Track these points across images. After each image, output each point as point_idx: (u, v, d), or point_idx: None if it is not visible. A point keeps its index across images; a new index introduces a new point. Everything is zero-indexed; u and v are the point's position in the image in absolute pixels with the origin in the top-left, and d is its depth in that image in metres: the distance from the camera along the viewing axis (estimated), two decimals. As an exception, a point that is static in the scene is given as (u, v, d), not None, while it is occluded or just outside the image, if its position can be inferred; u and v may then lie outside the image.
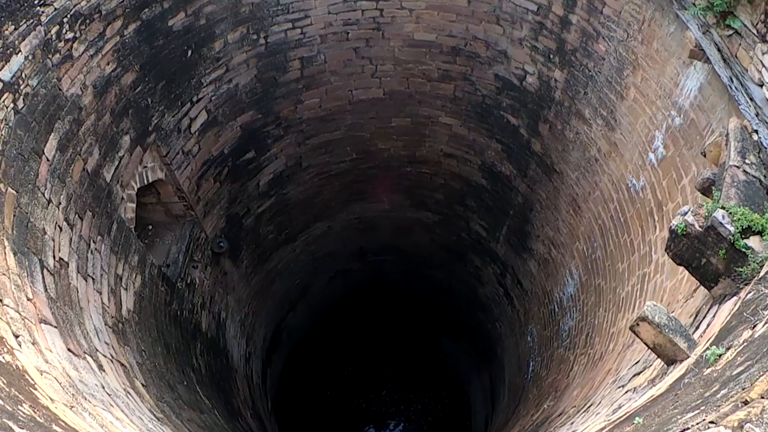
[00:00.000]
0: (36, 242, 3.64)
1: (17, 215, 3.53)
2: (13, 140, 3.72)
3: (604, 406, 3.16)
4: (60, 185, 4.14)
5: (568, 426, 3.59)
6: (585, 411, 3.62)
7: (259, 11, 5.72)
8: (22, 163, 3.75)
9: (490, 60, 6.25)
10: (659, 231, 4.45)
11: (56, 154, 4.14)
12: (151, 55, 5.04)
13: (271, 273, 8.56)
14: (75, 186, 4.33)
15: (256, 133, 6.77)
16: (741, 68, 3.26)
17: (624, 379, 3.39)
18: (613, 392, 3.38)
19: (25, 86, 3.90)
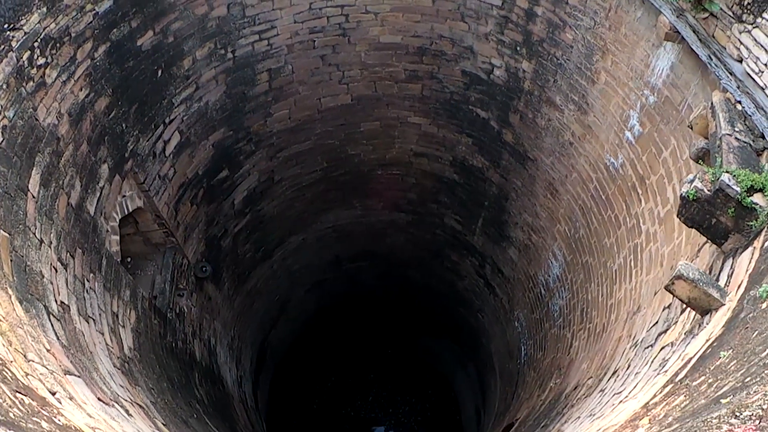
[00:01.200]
0: (37, 287, 3.39)
1: (14, 260, 3.28)
2: (1, 173, 3.44)
3: (640, 366, 3.33)
4: (48, 223, 3.87)
5: (600, 394, 3.74)
6: (612, 378, 3.78)
7: (226, 25, 5.59)
8: (9, 202, 3.49)
9: (456, 57, 6.41)
10: (645, 203, 4.73)
11: (40, 189, 3.88)
12: (122, 77, 4.81)
13: (251, 292, 8.33)
14: (62, 223, 4.06)
15: (228, 150, 6.59)
16: (719, 47, 3.54)
17: (648, 341, 3.58)
18: (639, 354, 3.56)
19: (2, 118, 3.63)
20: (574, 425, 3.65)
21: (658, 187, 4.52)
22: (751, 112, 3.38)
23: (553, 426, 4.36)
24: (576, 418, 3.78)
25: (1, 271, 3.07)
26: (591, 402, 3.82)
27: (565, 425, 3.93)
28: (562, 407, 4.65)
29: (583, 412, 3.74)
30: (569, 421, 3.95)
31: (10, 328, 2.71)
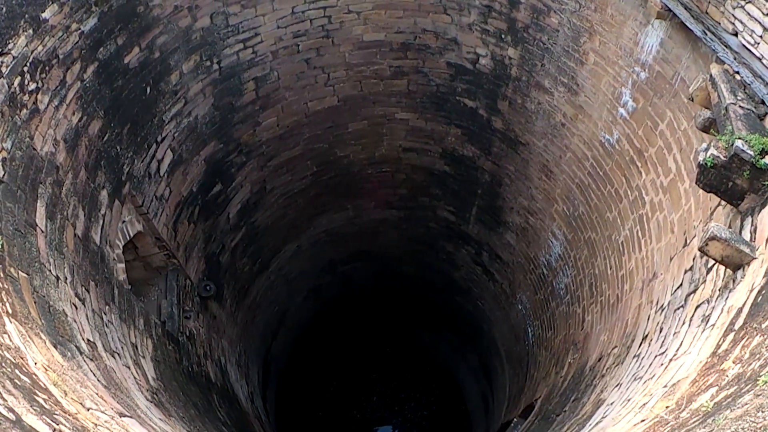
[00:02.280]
0: (64, 328, 3.26)
1: (37, 301, 3.15)
2: (6, 215, 3.30)
3: (677, 327, 3.45)
4: (60, 258, 3.73)
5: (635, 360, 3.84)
6: (644, 343, 3.90)
7: (210, 36, 5.47)
8: (21, 239, 3.34)
9: (440, 49, 6.46)
10: (646, 175, 4.89)
11: (47, 223, 3.73)
12: (113, 97, 4.67)
13: (252, 306, 8.20)
14: (72, 256, 3.92)
15: (219, 164, 6.46)
16: (713, 22, 3.70)
17: (676, 303, 3.71)
18: (670, 316, 3.69)
19: (1, 150, 3.46)
20: (616, 392, 3.76)
21: (658, 159, 4.68)
22: (749, 81, 3.54)
23: (586, 398, 4.47)
24: (615, 385, 3.89)
25: (29, 315, 2.94)
26: (627, 368, 3.93)
27: (603, 394, 4.04)
28: (590, 379, 4.77)
29: (622, 379, 3.85)
30: (607, 389, 4.05)
31: (59, 377, 2.61)
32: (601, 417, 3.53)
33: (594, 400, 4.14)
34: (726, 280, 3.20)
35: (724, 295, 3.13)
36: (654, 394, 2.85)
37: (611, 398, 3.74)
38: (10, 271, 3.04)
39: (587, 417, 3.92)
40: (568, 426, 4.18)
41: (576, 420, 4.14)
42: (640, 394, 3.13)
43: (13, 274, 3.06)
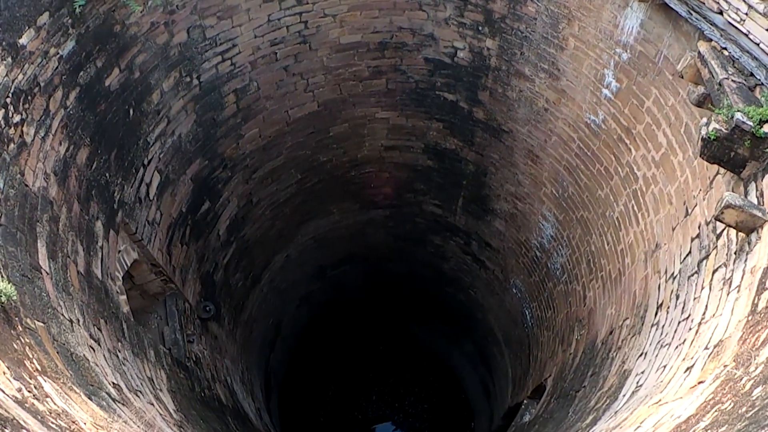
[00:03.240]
0: (91, 375, 3.13)
1: (59, 351, 3.01)
2: (11, 261, 3.14)
3: (695, 292, 3.60)
4: (69, 299, 3.57)
5: (655, 328, 3.99)
6: (661, 311, 4.05)
7: (188, 50, 5.31)
8: (30, 286, 3.19)
9: (417, 46, 6.48)
10: (636, 151, 5.07)
11: (50, 264, 3.57)
12: (97, 123, 4.48)
13: (249, 322, 8.06)
14: (79, 295, 3.76)
15: (206, 181, 6.30)
16: (697, 2, 3.86)
17: (688, 270, 3.87)
18: (684, 283, 3.86)
19: None
20: (642, 361, 3.89)
21: (647, 135, 4.86)
22: (738, 56, 3.72)
23: (606, 371, 4.61)
24: (639, 355, 4.03)
25: (57, 368, 2.80)
26: (648, 338, 4.08)
27: (627, 364, 4.17)
28: (605, 352, 4.92)
29: (645, 348, 3.99)
30: (629, 360, 4.19)
31: None
32: (636, 386, 3.66)
33: (618, 372, 4.28)
34: (740, 243, 3.38)
35: (741, 258, 3.30)
36: (696, 357, 2.98)
37: (639, 368, 3.87)
38: (27, 322, 2.89)
39: (616, 388, 4.05)
40: (596, 399, 4.31)
41: (603, 393, 4.27)
42: (676, 360, 3.26)
43: (31, 325, 2.90)
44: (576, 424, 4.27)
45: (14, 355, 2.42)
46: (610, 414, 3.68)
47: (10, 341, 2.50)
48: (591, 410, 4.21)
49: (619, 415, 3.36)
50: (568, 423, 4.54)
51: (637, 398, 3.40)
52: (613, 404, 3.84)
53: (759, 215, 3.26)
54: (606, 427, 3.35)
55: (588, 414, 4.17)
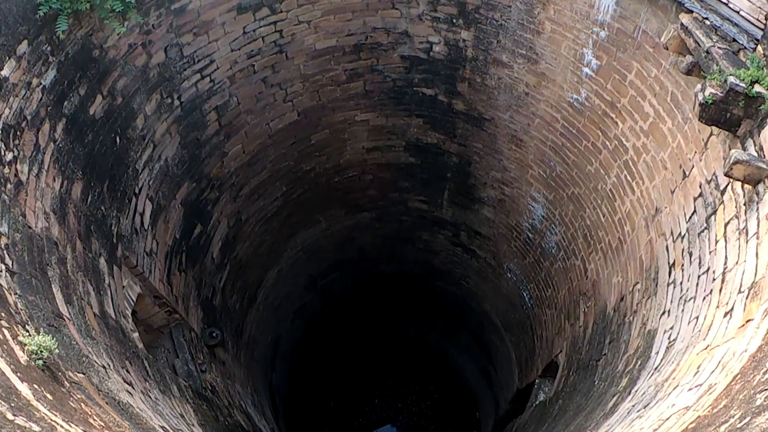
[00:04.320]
0: (142, 421, 2.98)
1: (108, 402, 2.85)
2: (34, 311, 2.97)
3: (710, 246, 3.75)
4: (94, 344, 3.42)
5: (671, 287, 4.13)
6: (675, 269, 4.21)
7: (167, 71, 5.15)
8: (60, 335, 3.02)
9: (393, 45, 6.50)
10: (622, 124, 5.25)
11: (68, 308, 3.38)
12: (87, 154, 4.29)
13: (249, 343, 7.86)
14: (102, 338, 3.61)
15: (195, 204, 6.12)
16: (677, -23, 4.06)
17: (696, 227, 4.05)
18: (695, 240, 4.02)
19: (2, 239, 3.08)
20: (666, 318, 4.04)
21: (633, 107, 5.05)
22: (719, 24, 3.93)
23: (626, 335, 4.75)
24: (661, 314, 4.17)
25: (116, 421, 2.65)
26: (666, 296, 4.23)
27: (649, 325, 4.32)
28: (620, 318, 5.08)
29: (666, 306, 4.14)
30: (650, 321, 4.34)
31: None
32: (669, 341, 3.79)
33: (641, 334, 4.42)
34: (748, 195, 3.56)
35: (752, 208, 3.48)
36: (731, 302, 3.12)
37: (665, 325, 4.02)
38: (70, 375, 2.72)
39: (644, 348, 4.18)
40: (624, 363, 4.43)
41: (631, 355, 4.40)
42: (708, 309, 3.40)
43: (74, 378, 2.74)
44: (609, 390, 4.38)
45: (77, 414, 2.28)
46: (648, 372, 3.80)
47: (66, 400, 2.35)
48: (622, 374, 4.34)
49: (663, 370, 3.48)
50: (599, 390, 4.66)
51: (676, 351, 3.53)
52: (647, 363, 3.96)
53: (764, 167, 3.46)
54: (653, 382, 3.46)
55: (621, 377, 4.29)
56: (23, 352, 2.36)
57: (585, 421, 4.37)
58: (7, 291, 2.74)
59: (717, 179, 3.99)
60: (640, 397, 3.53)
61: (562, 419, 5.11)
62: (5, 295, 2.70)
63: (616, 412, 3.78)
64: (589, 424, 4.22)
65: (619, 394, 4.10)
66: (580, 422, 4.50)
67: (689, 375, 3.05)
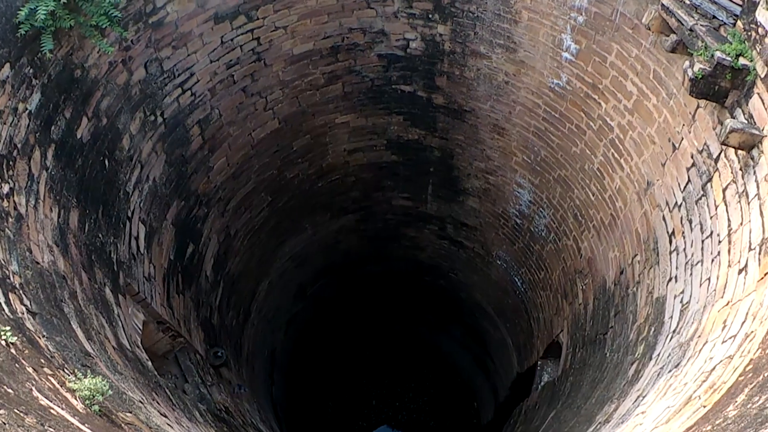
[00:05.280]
0: None
1: None
2: (65, 352, 2.83)
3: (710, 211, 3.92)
4: (123, 378, 3.31)
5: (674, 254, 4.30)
6: (676, 236, 4.39)
7: (148, 87, 4.97)
8: (93, 374, 2.85)
9: (369, 44, 6.49)
10: (605, 104, 5.42)
11: (91, 345, 3.24)
12: (78, 181, 4.12)
13: (249, 359, 7.70)
14: (128, 372, 3.47)
15: (185, 223, 5.94)
16: (654, -41, 4.22)
17: (693, 195, 4.23)
18: (693, 207, 4.19)
19: (13, 275, 2.91)
20: (674, 284, 4.20)
21: (615, 87, 5.22)
22: (698, 3, 4.12)
23: (632, 306, 4.92)
24: (667, 281, 4.34)
25: None
26: (671, 264, 4.39)
27: (656, 293, 4.48)
28: (623, 290, 5.24)
29: (672, 274, 4.30)
30: (656, 289, 4.50)
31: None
32: (682, 305, 3.94)
33: (649, 302, 4.58)
34: (743, 160, 3.76)
35: (750, 172, 3.67)
36: (743, 259, 3.29)
37: (674, 291, 4.18)
38: (121, 416, 2.58)
39: (656, 315, 4.34)
40: (636, 332, 4.58)
41: (641, 324, 4.55)
42: (719, 269, 3.57)
43: (125, 418, 2.61)
44: (625, 359, 4.52)
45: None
46: (666, 336, 3.95)
47: (128, 443, 2.24)
48: (636, 342, 4.48)
49: (683, 331, 3.62)
50: (613, 361, 4.80)
51: (692, 313, 3.68)
52: (662, 328, 4.11)
53: (757, 133, 3.65)
54: (675, 344, 3.59)
55: (635, 346, 4.44)
56: (76, 398, 2.23)
57: (606, 392, 4.50)
58: (35, 335, 2.58)
59: (709, 148, 4.19)
60: (665, 359, 3.66)
61: (578, 394, 5.24)
62: (35, 338, 2.54)
63: (640, 378, 3.90)
64: (611, 394, 4.34)
65: (638, 361, 4.24)
66: (600, 394, 4.62)
67: (716, 331, 3.19)
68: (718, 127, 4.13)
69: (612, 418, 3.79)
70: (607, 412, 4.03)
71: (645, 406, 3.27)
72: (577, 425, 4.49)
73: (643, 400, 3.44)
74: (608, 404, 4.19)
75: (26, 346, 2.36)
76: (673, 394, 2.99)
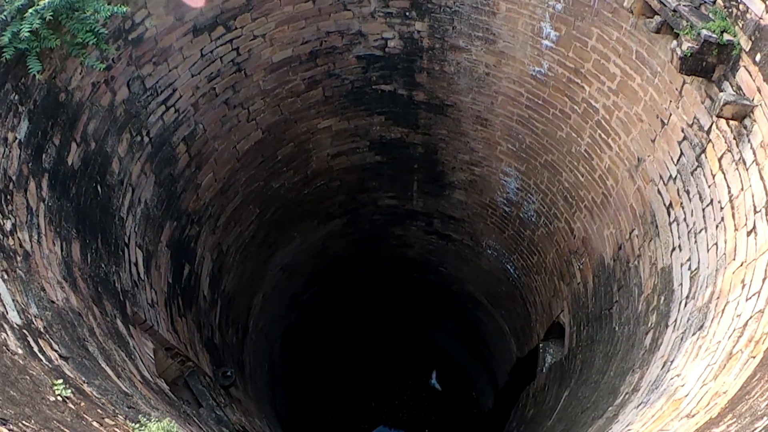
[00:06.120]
0: None
1: None
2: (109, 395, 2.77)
3: (709, 181, 4.07)
4: (159, 413, 3.11)
5: (674, 224, 4.45)
6: (675, 207, 4.54)
7: (132, 106, 4.79)
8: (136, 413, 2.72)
9: (347, 46, 6.45)
10: (588, 87, 5.56)
11: (123, 383, 3.10)
12: (75, 210, 3.96)
13: (252, 375, 7.54)
14: (161, 405, 3.32)
15: (180, 243, 5.77)
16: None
17: (688, 167, 4.38)
18: (688, 178, 4.35)
19: (36, 318, 2.76)
20: (678, 253, 4.34)
21: (598, 69, 5.36)
22: (679, -14, 4.29)
23: (636, 279, 5.06)
24: (671, 250, 4.47)
25: None
26: (671, 234, 4.53)
27: (660, 263, 4.62)
28: (624, 264, 5.39)
29: (675, 243, 4.43)
30: (660, 260, 4.63)
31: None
32: (691, 271, 4.08)
33: (654, 273, 4.72)
34: (736, 130, 3.93)
35: (744, 140, 3.84)
36: (749, 220, 3.44)
37: (680, 260, 4.32)
38: None
39: (663, 284, 4.48)
40: (644, 303, 4.72)
41: (649, 295, 4.69)
42: (726, 233, 3.72)
43: None
44: (638, 330, 4.65)
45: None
46: (679, 302, 4.08)
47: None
48: (646, 313, 4.62)
49: (698, 296, 3.76)
50: (625, 334, 4.93)
51: (704, 277, 3.82)
52: (673, 296, 4.26)
53: (748, 103, 3.83)
54: (692, 308, 3.72)
55: (646, 316, 4.57)
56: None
57: (624, 363, 4.61)
58: (78, 382, 2.44)
59: (699, 121, 4.35)
60: (684, 324, 3.79)
61: (591, 370, 5.37)
62: (80, 386, 2.41)
63: (662, 345, 4.02)
64: (631, 364, 4.46)
65: (653, 330, 4.37)
66: (618, 365, 4.74)
67: (735, 291, 3.32)
68: (706, 101, 4.30)
69: (640, 386, 3.89)
70: (632, 381, 4.13)
71: (677, 369, 3.37)
72: (601, 399, 4.59)
73: (672, 364, 3.54)
74: (630, 374, 4.30)
75: (79, 398, 2.23)
76: (708, 354, 3.10)
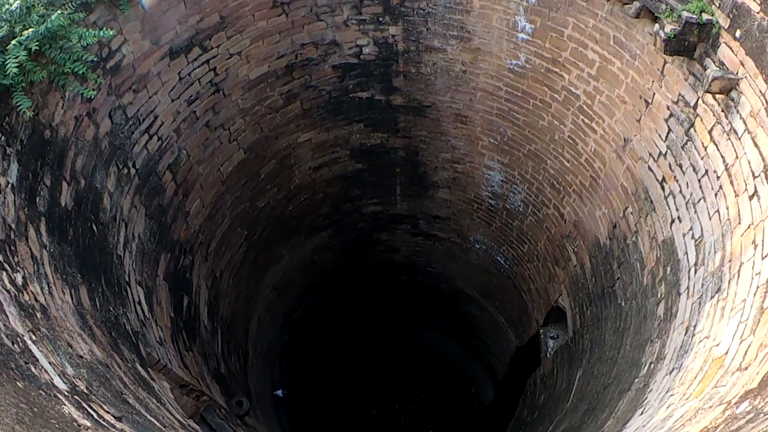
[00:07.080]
0: None
1: None
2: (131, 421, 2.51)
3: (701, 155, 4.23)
4: None
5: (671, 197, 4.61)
6: (670, 182, 4.69)
7: (116, 138, 4.58)
8: None
9: (323, 57, 6.38)
10: (567, 75, 5.70)
11: (165, 430, 2.91)
12: (76, 253, 3.76)
13: (259, 400, 7.34)
14: None
15: (176, 275, 5.55)
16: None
17: (678, 142, 4.55)
18: (679, 153, 4.50)
19: (77, 382, 2.58)
20: (679, 224, 4.49)
21: (576, 57, 5.50)
22: (656, -29, 4.46)
23: (636, 254, 5.22)
24: (670, 222, 4.62)
25: None
26: (668, 207, 4.69)
27: (660, 235, 4.76)
28: (621, 242, 5.53)
29: (673, 215, 4.57)
30: (660, 231, 4.77)
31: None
32: (694, 240, 4.21)
33: (655, 246, 4.87)
34: (723, 102, 4.11)
35: (732, 112, 4.02)
36: (749, 185, 3.59)
37: (681, 230, 4.47)
38: None
39: (667, 257, 4.62)
40: (648, 277, 4.85)
41: (652, 268, 4.83)
42: (726, 200, 3.87)
43: None
44: (647, 302, 4.78)
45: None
46: (689, 269, 4.22)
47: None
48: (653, 285, 4.76)
49: (707, 262, 3.89)
50: (633, 308, 5.06)
51: (711, 244, 3.97)
52: (680, 265, 4.40)
53: (733, 77, 4.02)
54: (705, 273, 3.85)
55: (655, 287, 4.70)
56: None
57: (640, 336, 4.73)
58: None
59: (684, 98, 4.53)
60: (700, 289, 3.92)
61: (603, 347, 5.48)
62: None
63: (678, 312, 4.14)
64: (647, 336, 4.57)
65: (664, 299, 4.50)
66: (633, 338, 4.85)
67: (748, 252, 3.46)
68: (690, 78, 4.48)
69: (664, 354, 3.99)
70: (653, 351, 4.23)
71: (704, 332, 3.48)
72: (623, 372, 4.68)
73: (696, 329, 3.66)
74: (649, 345, 4.41)
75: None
76: (735, 313, 3.22)
